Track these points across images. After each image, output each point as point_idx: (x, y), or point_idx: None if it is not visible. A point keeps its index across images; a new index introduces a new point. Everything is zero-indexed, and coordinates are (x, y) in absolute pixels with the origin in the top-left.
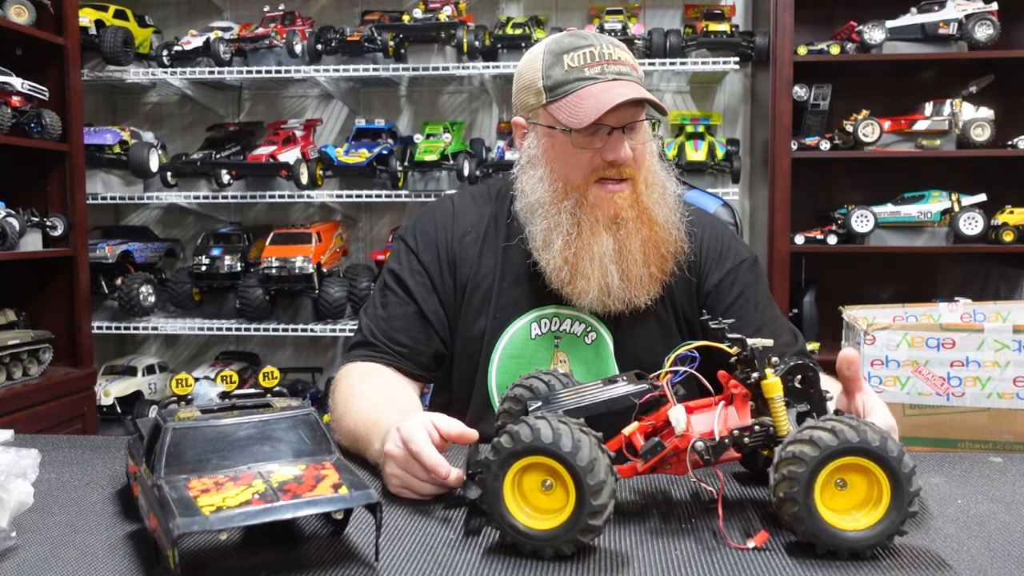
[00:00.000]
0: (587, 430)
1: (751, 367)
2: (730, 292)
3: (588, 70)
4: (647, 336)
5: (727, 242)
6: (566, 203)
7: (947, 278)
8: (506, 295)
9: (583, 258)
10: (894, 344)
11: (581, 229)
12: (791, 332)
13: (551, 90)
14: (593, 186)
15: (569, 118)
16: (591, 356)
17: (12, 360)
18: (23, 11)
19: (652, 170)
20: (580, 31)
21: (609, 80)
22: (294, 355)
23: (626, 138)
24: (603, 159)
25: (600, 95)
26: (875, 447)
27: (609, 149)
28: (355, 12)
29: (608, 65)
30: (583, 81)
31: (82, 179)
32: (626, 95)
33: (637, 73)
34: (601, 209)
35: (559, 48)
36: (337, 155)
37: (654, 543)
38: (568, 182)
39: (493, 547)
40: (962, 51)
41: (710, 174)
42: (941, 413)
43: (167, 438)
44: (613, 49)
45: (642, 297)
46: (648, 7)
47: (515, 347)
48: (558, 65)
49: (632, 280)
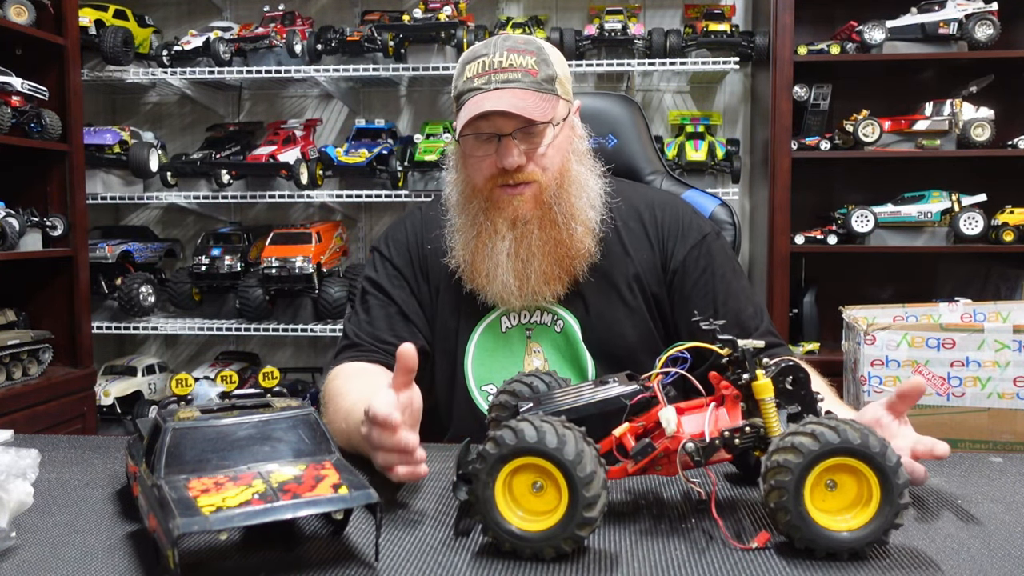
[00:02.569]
0: (570, 425)
1: (742, 368)
2: (696, 267)
3: (477, 80)
4: (614, 320)
5: (688, 219)
6: (471, 206)
7: (947, 278)
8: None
9: (479, 256)
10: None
11: (481, 230)
12: (757, 307)
13: (456, 99)
14: (496, 190)
15: (457, 129)
16: (562, 343)
17: (12, 360)
18: (23, 11)
19: (565, 171)
20: (492, 39)
21: (491, 89)
22: (294, 355)
23: (521, 144)
24: (496, 166)
25: (471, 107)
26: (857, 445)
27: (499, 156)
28: (355, 12)
29: (496, 74)
30: (470, 92)
31: (82, 179)
32: (482, 107)
33: (534, 77)
34: (501, 211)
35: (466, 58)
36: (337, 155)
37: (646, 544)
38: (473, 186)
39: (493, 547)
40: (962, 51)
41: (710, 174)
42: (941, 413)
43: (167, 438)
44: (508, 56)
45: (541, 295)
46: (648, 7)
47: (488, 341)
48: (461, 76)
49: (528, 279)
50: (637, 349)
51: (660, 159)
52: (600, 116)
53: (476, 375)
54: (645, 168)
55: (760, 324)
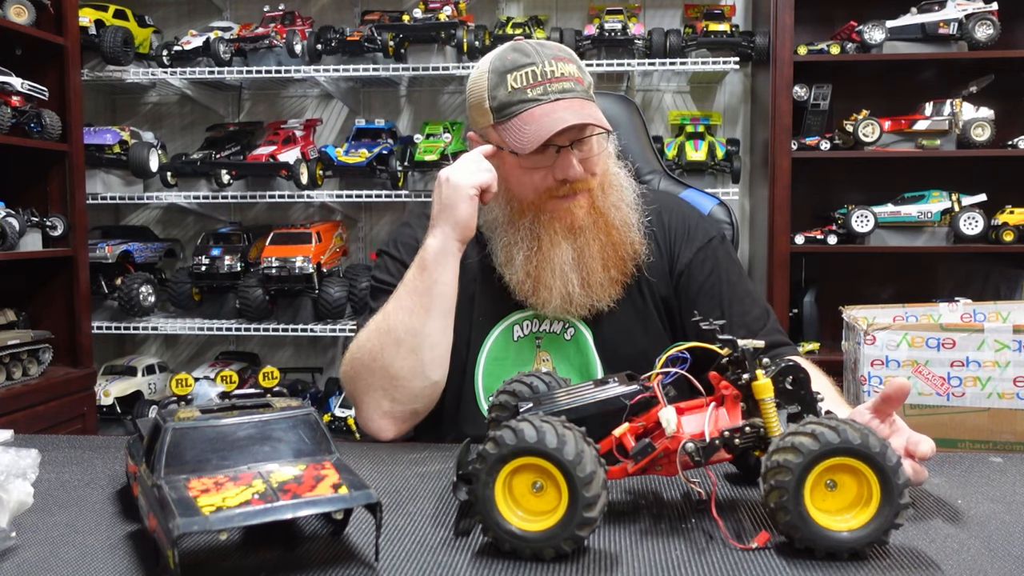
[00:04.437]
0: (570, 425)
1: (742, 368)
2: (702, 270)
3: (531, 91)
4: (625, 326)
5: (694, 222)
6: (523, 221)
7: (947, 278)
8: (483, 303)
9: (544, 270)
10: (894, 344)
11: (541, 243)
12: (763, 308)
13: (497, 111)
14: (549, 201)
15: (514, 142)
16: (572, 352)
17: (12, 360)
18: (23, 11)
19: (608, 173)
20: (523, 45)
21: (552, 101)
22: (294, 355)
23: (576, 151)
24: (555, 178)
25: (542, 120)
26: (857, 445)
27: (559, 168)
28: (355, 12)
29: (551, 84)
30: (526, 103)
31: (82, 179)
32: (566, 121)
33: (583, 85)
34: (559, 221)
35: (503, 67)
36: (337, 155)
37: (646, 544)
38: (523, 200)
39: (493, 547)
40: (962, 51)
41: (710, 174)
42: (941, 413)
43: (167, 438)
44: (556, 64)
45: (604, 300)
46: (648, 7)
47: (498, 350)
48: (502, 86)
49: (593, 286)
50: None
51: (658, 159)
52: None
53: (485, 384)
54: (643, 168)
55: (766, 324)
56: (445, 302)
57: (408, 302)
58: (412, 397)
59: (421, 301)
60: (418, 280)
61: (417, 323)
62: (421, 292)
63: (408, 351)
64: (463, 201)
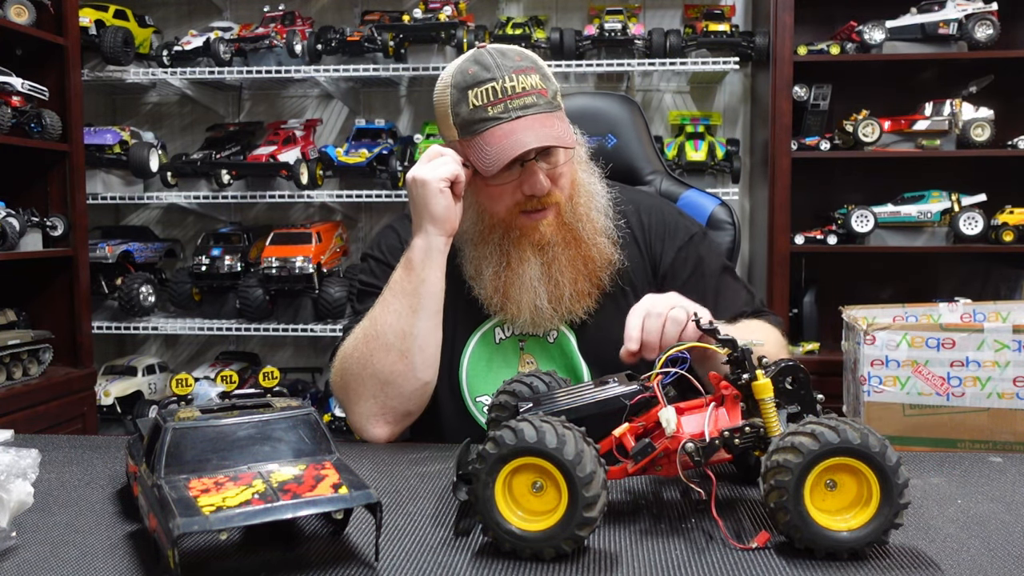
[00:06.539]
0: (570, 425)
1: (742, 368)
2: (684, 268)
3: (491, 109)
4: (609, 327)
5: (673, 220)
6: (493, 236)
7: (947, 278)
8: (463, 307)
9: (512, 286)
10: (894, 344)
11: (510, 259)
12: (747, 292)
13: (461, 129)
14: (518, 216)
15: (477, 162)
16: (556, 354)
17: (12, 360)
18: (23, 11)
19: (577, 183)
20: (484, 57)
21: (512, 119)
22: (294, 355)
23: (543, 163)
24: (522, 193)
25: (503, 141)
26: (856, 445)
27: (526, 184)
28: (355, 12)
29: (511, 100)
30: (487, 122)
31: (82, 179)
32: (526, 144)
33: (546, 96)
34: (527, 237)
35: (463, 82)
36: (337, 155)
37: (646, 544)
38: (492, 215)
39: (493, 547)
40: (962, 51)
41: (710, 174)
42: (941, 413)
43: (167, 438)
44: (516, 78)
45: (575, 312)
46: (648, 7)
47: (482, 351)
48: (463, 103)
49: (563, 299)
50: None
51: (660, 159)
52: (599, 116)
53: (471, 386)
54: (645, 168)
55: (752, 304)
56: (433, 301)
57: (396, 304)
58: (404, 399)
59: (409, 302)
60: (405, 281)
61: (406, 325)
62: (408, 292)
63: (398, 355)
64: (434, 196)
